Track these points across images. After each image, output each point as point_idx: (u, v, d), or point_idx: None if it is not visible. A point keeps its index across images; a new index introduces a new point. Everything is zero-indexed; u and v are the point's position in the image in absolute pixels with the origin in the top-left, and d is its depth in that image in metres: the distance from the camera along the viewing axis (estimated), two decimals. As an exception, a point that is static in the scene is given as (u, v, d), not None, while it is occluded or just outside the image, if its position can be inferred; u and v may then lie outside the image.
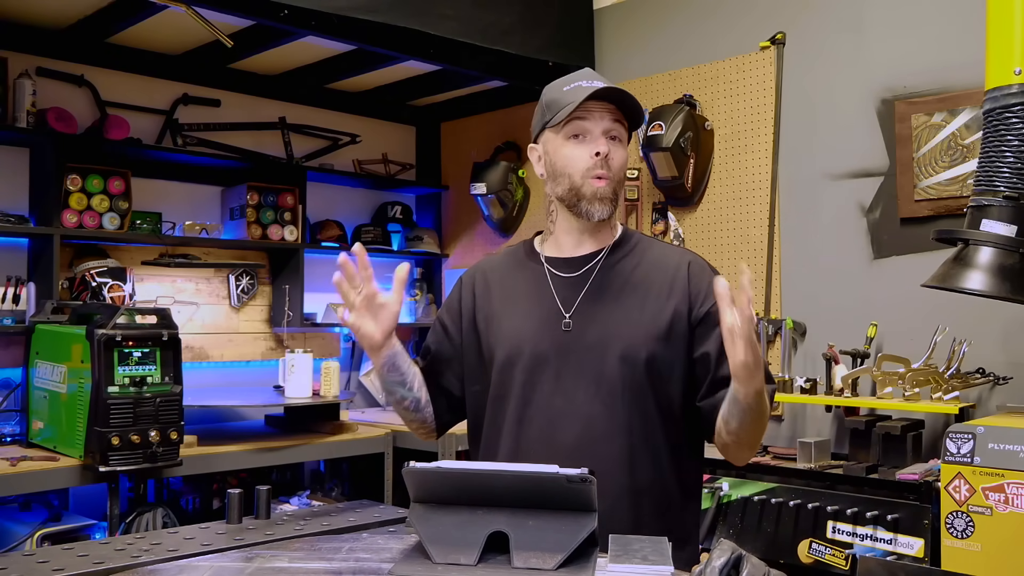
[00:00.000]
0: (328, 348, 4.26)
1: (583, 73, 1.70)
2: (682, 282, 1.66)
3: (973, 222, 2.35)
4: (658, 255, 1.71)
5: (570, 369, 1.63)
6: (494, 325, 1.72)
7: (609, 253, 1.70)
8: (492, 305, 1.74)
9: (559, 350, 1.64)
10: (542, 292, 1.69)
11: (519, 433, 1.64)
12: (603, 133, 1.64)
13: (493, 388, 1.70)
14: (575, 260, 1.70)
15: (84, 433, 2.72)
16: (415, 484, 1.27)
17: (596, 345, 1.62)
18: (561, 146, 1.66)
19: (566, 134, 1.65)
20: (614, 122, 1.65)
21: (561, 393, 1.62)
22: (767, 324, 3.31)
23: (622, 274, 1.68)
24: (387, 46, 3.50)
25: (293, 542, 1.42)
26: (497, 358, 1.69)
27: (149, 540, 1.43)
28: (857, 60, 3.20)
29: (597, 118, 1.63)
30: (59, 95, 3.52)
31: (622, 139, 1.67)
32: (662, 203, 3.72)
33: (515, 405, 1.66)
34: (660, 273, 1.67)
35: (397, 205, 4.62)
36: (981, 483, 2.20)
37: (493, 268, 1.80)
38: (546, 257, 1.73)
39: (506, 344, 1.69)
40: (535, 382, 1.64)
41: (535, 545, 1.19)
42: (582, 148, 1.64)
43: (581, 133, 1.64)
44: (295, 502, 3.54)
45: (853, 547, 2.59)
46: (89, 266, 3.42)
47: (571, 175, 1.65)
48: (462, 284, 1.81)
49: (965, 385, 2.74)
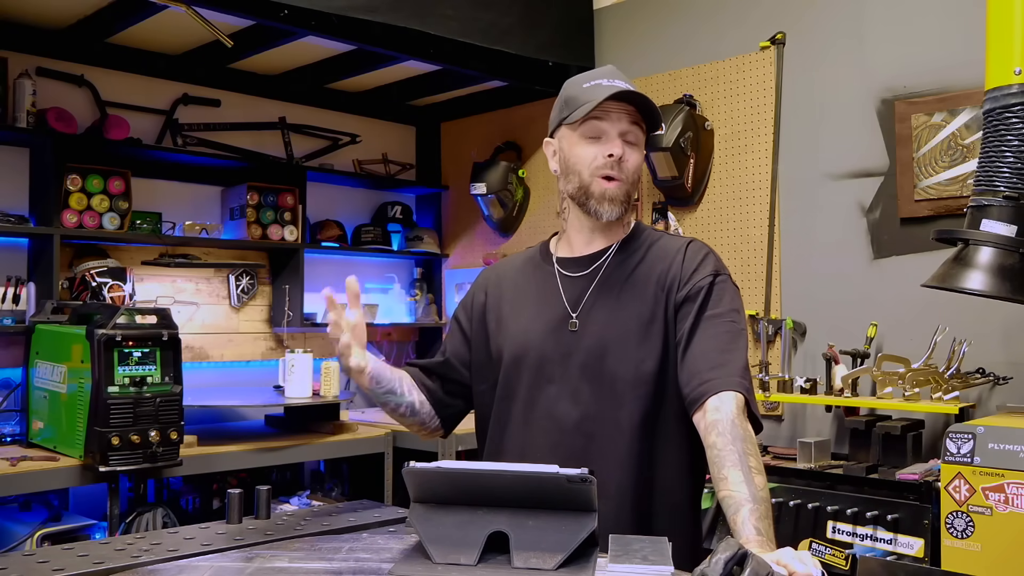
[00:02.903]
0: (328, 348, 4.26)
1: (605, 71, 1.67)
2: (676, 268, 1.64)
3: (973, 222, 2.35)
4: (661, 248, 1.69)
5: (575, 370, 1.62)
6: (503, 326, 1.73)
7: (617, 251, 1.69)
8: (503, 306, 1.75)
9: (565, 351, 1.63)
10: (551, 293, 1.69)
11: (525, 434, 1.65)
12: (619, 135, 1.62)
13: (500, 388, 1.71)
14: (583, 259, 1.70)
15: (84, 433, 2.72)
16: (415, 484, 1.26)
17: (600, 345, 1.61)
18: (576, 144, 1.65)
19: (582, 133, 1.63)
20: (631, 124, 1.63)
21: (567, 394, 1.62)
22: (767, 324, 3.31)
23: (626, 272, 1.66)
24: (387, 46, 3.50)
25: (293, 542, 1.42)
26: (504, 359, 1.69)
27: (149, 540, 1.43)
28: (857, 60, 3.20)
29: (615, 119, 1.62)
30: (59, 95, 3.52)
31: (638, 142, 1.66)
32: (662, 203, 3.72)
33: (521, 407, 1.66)
34: (660, 266, 1.65)
35: (397, 205, 4.62)
36: (981, 483, 2.20)
37: (509, 269, 1.81)
38: (557, 258, 1.73)
39: (513, 345, 1.69)
40: (541, 383, 1.64)
41: (535, 545, 1.19)
42: (596, 148, 1.63)
43: (597, 133, 1.63)
44: (295, 502, 3.54)
45: (853, 547, 2.59)
46: (89, 266, 3.42)
47: (582, 173, 1.64)
48: (477, 283, 1.83)
49: (965, 385, 2.73)
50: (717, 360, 1.52)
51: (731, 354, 1.53)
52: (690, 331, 1.57)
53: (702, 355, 1.54)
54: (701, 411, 1.49)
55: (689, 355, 1.55)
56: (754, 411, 1.50)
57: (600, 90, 1.60)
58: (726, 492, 1.35)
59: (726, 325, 1.57)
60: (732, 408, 1.45)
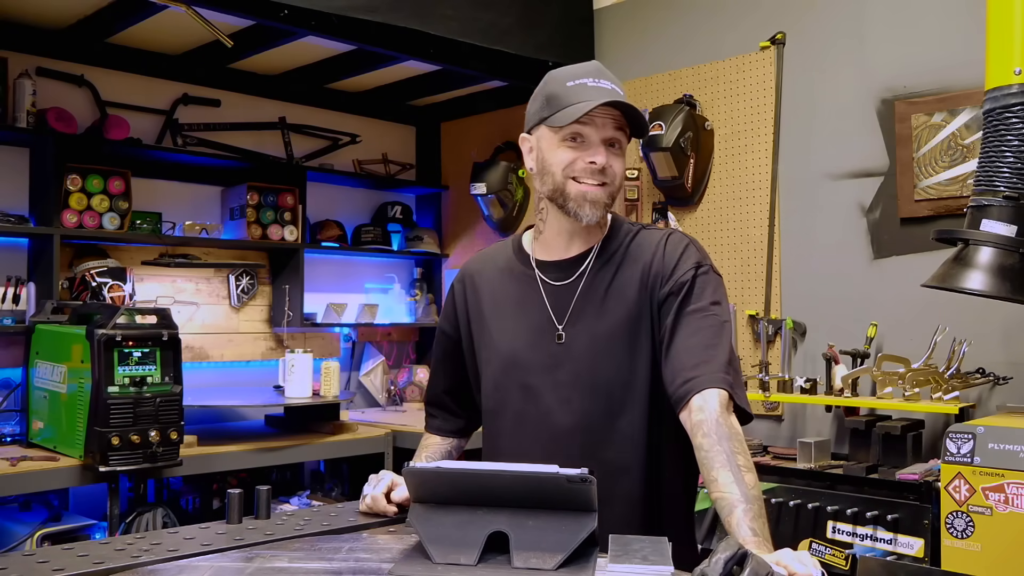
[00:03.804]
0: (328, 348, 4.26)
1: (590, 68, 1.59)
2: (656, 266, 1.58)
3: (973, 222, 2.35)
4: (639, 244, 1.63)
5: (567, 381, 1.58)
6: (486, 335, 1.68)
7: (598, 254, 1.63)
8: (482, 310, 1.70)
9: (554, 362, 1.59)
10: (534, 301, 1.63)
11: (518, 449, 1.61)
12: (603, 141, 1.56)
13: (488, 401, 1.68)
14: (565, 264, 1.64)
15: (84, 433, 2.72)
16: (415, 484, 1.26)
17: (590, 354, 1.57)
18: (557, 147, 1.57)
19: (564, 136, 1.56)
20: (616, 130, 1.57)
21: (559, 407, 1.58)
22: (767, 324, 3.31)
23: (608, 276, 1.61)
24: (387, 46, 3.50)
25: (293, 542, 1.42)
26: (491, 372, 1.66)
27: (149, 540, 1.43)
28: (857, 60, 3.20)
29: (600, 125, 1.55)
30: (59, 95, 3.52)
31: (622, 147, 1.60)
32: (662, 203, 3.72)
33: (512, 422, 1.63)
34: (641, 263, 1.60)
35: (397, 205, 4.62)
36: (981, 483, 2.20)
37: (481, 270, 1.75)
38: (536, 261, 1.66)
39: (498, 359, 1.65)
40: (531, 396, 1.60)
41: (535, 545, 1.19)
42: (578, 153, 1.56)
43: (580, 139, 1.56)
44: (295, 502, 3.54)
45: (853, 547, 2.59)
46: (89, 266, 3.42)
47: (555, 175, 1.58)
48: (453, 290, 1.78)
49: (965, 385, 2.73)
50: (700, 356, 1.48)
51: (714, 349, 1.49)
52: (672, 328, 1.53)
53: (685, 352, 1.50)
54: (687, 411, 1.46)
55: (672, 353, 1.52)
56: (739, 403, 1.47)
57: (585, 91, 1.54)
58: (718, 494, 1.34)
59: (708, 320, 1.52)
60: (716, 406, 1.42)
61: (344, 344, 4.39)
